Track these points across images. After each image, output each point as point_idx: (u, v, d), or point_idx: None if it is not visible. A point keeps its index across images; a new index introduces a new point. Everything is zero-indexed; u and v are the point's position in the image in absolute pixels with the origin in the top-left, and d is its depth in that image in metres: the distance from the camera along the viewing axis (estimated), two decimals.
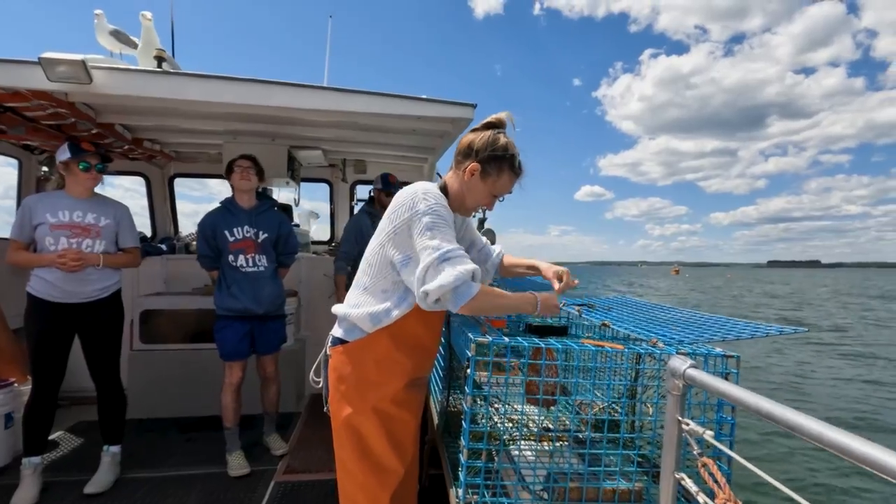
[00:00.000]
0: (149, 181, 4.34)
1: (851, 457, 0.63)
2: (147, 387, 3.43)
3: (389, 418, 1.44)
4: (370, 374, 1.42)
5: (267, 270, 2.86)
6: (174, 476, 2.64)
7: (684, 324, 1.53)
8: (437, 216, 1.29)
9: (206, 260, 2.84)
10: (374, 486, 1.44)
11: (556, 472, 1.14)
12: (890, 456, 0.59)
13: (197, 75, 2.43)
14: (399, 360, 1.43)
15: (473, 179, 1.40)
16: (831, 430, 0.67)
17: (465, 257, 1.26)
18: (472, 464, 1.10)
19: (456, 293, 1.22)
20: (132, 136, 3.45)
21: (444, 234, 1.27)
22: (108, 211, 2.55)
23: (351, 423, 1.43)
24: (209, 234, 2.78)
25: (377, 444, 1.43)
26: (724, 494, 0.86)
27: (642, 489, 1.15)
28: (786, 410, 0.74)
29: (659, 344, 1.21)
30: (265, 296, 2.83)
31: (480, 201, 1.44)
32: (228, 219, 2.80)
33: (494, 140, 1.40)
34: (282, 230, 2.95)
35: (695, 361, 1.00)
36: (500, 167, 1.39)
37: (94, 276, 2.47)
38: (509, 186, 1.44)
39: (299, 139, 3.65)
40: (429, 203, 1.30)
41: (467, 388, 1.11)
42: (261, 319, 2.86)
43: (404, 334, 1.42)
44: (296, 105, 2.60)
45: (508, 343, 1.11)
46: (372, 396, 1.42)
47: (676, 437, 1.00)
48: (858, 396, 8.07)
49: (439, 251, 1.22)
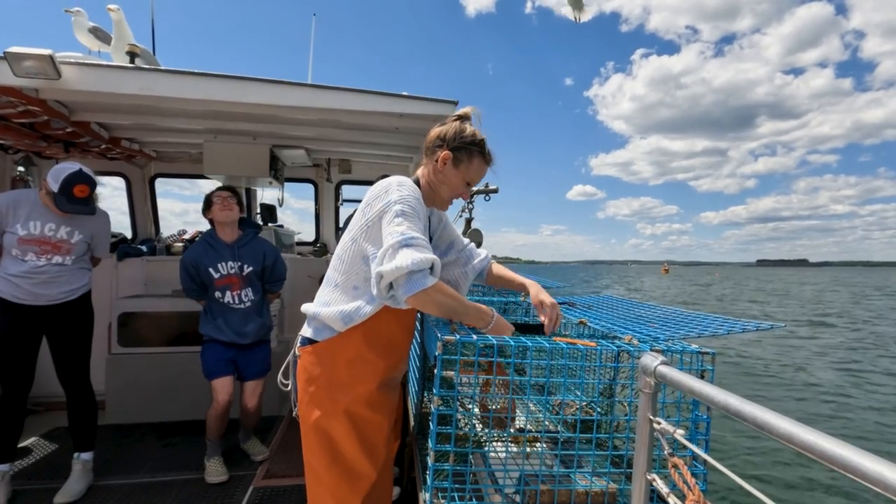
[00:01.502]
0: (129, 181, 4.25)
1: (823, 458, 0.60)
2: (125, 391, 3.35)
3: (362, 421, 1.40)
4: (341, 375, 1.38)
5: (253, 304, 2.80)
6: (149, 483, 2.57)
7: (663, 321, 1.50)
8: (409, 206, 1.27)
9: (193, 293, 2.79)
10: (345, 492, 1.39)
11: (527, 475, 1.11)
12: (861, 457, 0.55)
13: (170, 71, 2.38)
14: (371, 360, 1.39)
15: (447, 168, 1.42)
16: (802, 430, 0.63)
17: (428, 248, 1.23)
18: (439, 467, 1.06)
19: (410, 279, 1.18)
20: (109, 134, 3.37)
21: (412, 222, 1.25)
22: (84, 226, 2.46)
23: (321, 427, 1.38)
24: (192, 272, 2.71)
25: (348, 448, 1.39)
26: (694, 496, 0.83)
27: (616, 490, 1.11)
28: (755, 408, 0.71)
29: (634, 341, 1.17)
30: (252, 329, 2.80)
31: (455, 189, 1.45)
32: (211, 254, 2.70)
33: (462, 129, 1.43)
34: (266, 261, 2.84)
35: (667, 358, 0.97)
36: (470, 153, 1.42)
37: (63, 277, 2.40)
38: (481, 172, 1.46)
39: (282, 138, 3.59)
40: (402, 193, 1.29)
41: (435, 388, 1.07)
42: (247, 347, 2.81)
43: (377, 333, 1.38)
44: (274, 102, 2.55)
45: (477, 341, 1.07)
46: (343, 398, 1.38)
47: (648, 436, 0.96)
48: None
49: (403, 235, 1.20)
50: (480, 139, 1.43)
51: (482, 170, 1.46)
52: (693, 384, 0.84)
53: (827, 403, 7.57)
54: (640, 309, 1.74)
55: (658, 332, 1.32)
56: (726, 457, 5.36)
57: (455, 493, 1.10)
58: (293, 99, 2.57)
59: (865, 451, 0.54)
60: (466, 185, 1.46)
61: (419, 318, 1.61)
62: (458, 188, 1.45)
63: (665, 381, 0.92)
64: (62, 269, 2.39)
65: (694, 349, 1.13)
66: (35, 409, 3.53)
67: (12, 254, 2.30)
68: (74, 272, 2.45)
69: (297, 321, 4.10)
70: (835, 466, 0.57)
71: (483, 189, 3.87)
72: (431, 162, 1.45)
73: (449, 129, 1.44)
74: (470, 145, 1.41)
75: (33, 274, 2.31)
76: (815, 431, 0.61)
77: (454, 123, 1.45)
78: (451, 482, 1.06)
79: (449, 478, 1.06)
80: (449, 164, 1.41)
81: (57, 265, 2.37)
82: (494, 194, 3.97)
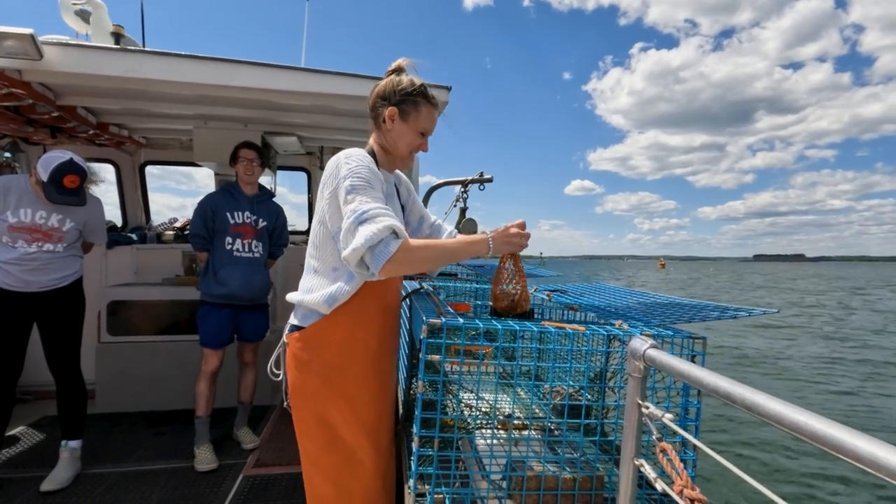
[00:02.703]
0: (119, 169, 4.19)
1: (815, 439, 0.57)
2: (115, 380, 3.33)
3: (360, 402, 1.37)
4: (333, 358, 1.35)
5: (261, 258, 2.87)
6: (138, 471, 2.55)
7: (655, 307, 1.48)
8: (358, 177, 1.23)
9: (199, 240, 2.78)
10: (345, 479, 1.37)
11: (514, 461, 1.09)
12: (854, 438, 0.53)
13: (156, 53, 2.32)
14: (362, 337, 1.37)
15: (396, 124, 1.38)
16: (792, 410, 0.61)
17: (383, 215, 1.18)
18: (423, 452, 1.04)
19: (373, 253, 1.16)
20: (97, 120, 3.30)
21: (364, 193, 1.21)
22: (76, 213, 2.42)
23: (317, 413, 1.35)
24: (209, 215, 2.74)
25: (348, 433, 1.36)
26: (682, 481, 0.81)
27: (604, 476, 1.09)
28: (744, 390, 0.69)
29: (624, 326, 1.15)
30: (257, 282, 2.83)
31: (411, 143, 1.41)
32: (231, 202, 2.79)
33: (399, 81, 1.38)
34: (279, 221, 2.99)
35: (656, 342, 0.94)
36: (415, 103, 1.38)
37: (54, 264, 2.36)
38: (432, 119, 1.42)
39: (274, 125, 3.54)
40: (350, 166, 1.26)
41: (420, 372, 1.05)
42: (246, 308, 2.83)
43: (364, 310, 1.36)
44: (265, 86, 2.51)
45: (462, 324, 1.04)
46: (338, 380, 1.35)
47: (636, 421, 0.94)
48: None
49: (355, 213, 1.17)
50: (420, 85, 1.39)
51: (432, 116, 1.42)
52: (682, 367, 0.82)
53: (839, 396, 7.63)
54: (633, 296, 1.72)
55: (649, 317, 1.30)
56: (723, 449, 5.39)
57: (441, 480, 1.08)
58: (284, 83, 2.53)
59: (858, 432, 0.52)
60: (422, 136, 1.42)
61: (407, 305, 1.58)
62: (414, 141, 1.41)
63: (654, 365, 0.89)
64: (53, 256, 2.36)
65: (685, 334, 1.11)
66: (24, 398, 3.50)
67: (2, 241, 2.26)
68: (65, 259, 2.42)
69: (289, 310, 4.08)
70: (826, 448, 0.55)
71: (477, 178, 3.83)
72: (379, 123, 1.41)
73: (386, 85, 1.39)
74: (412, 95, 1.37)
75: (24, 261, 2.28)
76: (806, 412, 0.59)
77: (390, 78, 1.40)
78: (435, 468, 1.04)
79: (434, 463, 1.04)
80: (397, 119, 1.38)
81: (48, 252, 2.34)
82: (489, 183, 3.94)
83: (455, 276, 2.79)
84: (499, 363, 1.07)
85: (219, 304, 2.74)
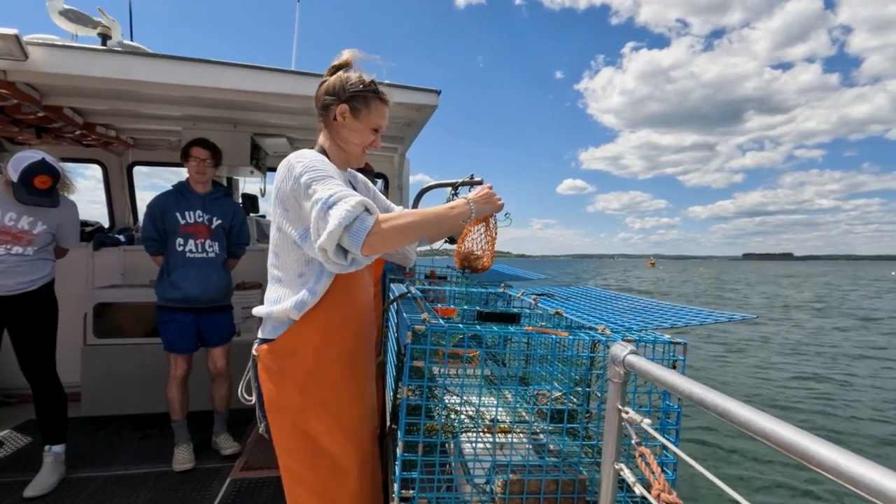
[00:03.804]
0: (106, 169, 4.15)
1: (780, 445, 0.59)
2: (101, 383, 3.29)
3: (340, 408, 1.34)
4: (309, 365, 1.31)
5: (218, 258, 2.77)
6: (123, 475, 2.53)
7: (639, 312, 1.50)
8: (314, 170, 1.21)
9: (151, 243, 2.71)
10: (332, 491, 1.32)
11: (499, 465, 1.10)
12: (816, 444, 0.55)
13: (144, 54, 2.31)
14: (336, 340, 1.33)
15: (348, 121, 1.35)
16: (760, 417, 0.63)
17: (350, 195, 1.15)
18: (408, 457, 1.04)
19: (350, 233, 1.12)
20: (84, 120, 3.27)
21: (324, 182, 1.18)
22: (48, 216, 2.38)
23: (297, 425, 1.31)
24: (158, 217, 2.67)
25: (331, 442, 1.32)
26: (659, 485, 0.83)
27: (586, 480, 1.11)
28: (716, 396, 0.70)
29: (606, 331, 1.17)
30: (213, 283, 2.72)
31: (364, 140, 1.39)
32: (181, 202, 2.70)
33: (346, 79, 1.35)
34: (235, 219, 2.87)
35: (636, 348, 0.96)
36: (366, 99, 1.35)
37: (22, 267, 2.32)
38: (383, 114, 1.40)
39: (263, 126, 3.53)
40: (303, 163, 1.23)
41: (404, 378, 1.06)
42: (206, 311, 2.74)
43: (337, 312, 1.32)
44: (252, 88, 2.50)
45: (447, 330, 1.05)
46: (315, 388, 1.31)
47: (616, 425, 0.96)
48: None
49: (322, 200, 1.14)
50: (370, 82, 1.36)
51: (383, 111, 1.39)
52: (659, 373, 0.83)
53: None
54: (618, 300, 1.75)
55: (633, 322, 1.32)
56: (716, 455, 5.42)
57: (427, 485, 1.09)
58: (274, 86, 2.52)
59: (820, 439, 0.54)
60: (374, 132, 1.40)
61: (394, 309, 1.59)
62: (367, 138, 1.39)
63: (633, 371, 0.91)
64: (21, 260, 2.32)
65: (665, 339, 1.13)
66: (8, 401, 3.45)
67: None
68: (34, 263, 2.37)
69: None
70: (793, 455, 0.57)
71: (467, 181, 3.85)
72: (329, 121, 1.38)
73: (335, 81, 1.35)
74: (363, 92, 1.34)
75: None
76: (774, 419, 0.60)
77: (338, 74, 1.36)
78: (419, 472, 1.05)
79: (418, 468, 1.05)
80: (348, 116, 1.35)
81: (16, 255, 2.30)
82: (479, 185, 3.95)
83: (444, 278, 2.80)
84: (483, 367, 1.08)
85: (177, 309, 2.65)
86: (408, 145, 3.81)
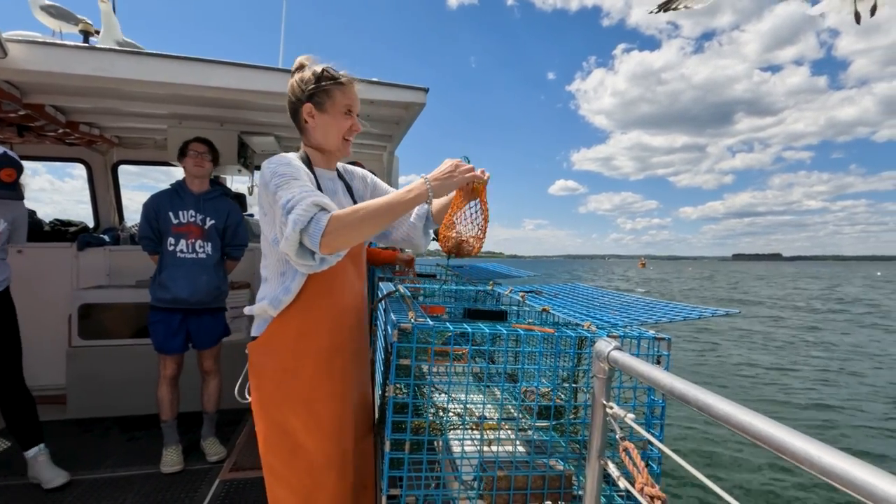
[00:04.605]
0: (90, 168, 4.09)
1: (758, 438, 0.60)
2: (87, 385, 3.25)
3: (318, 404, 1.34)
4: (285, 361, 1.33)
5: (210, 259, 2.72)
6: (111, 477, 2.51)
7: (625, 308, 1.51)
8: (279, 176, 1.23)
9: (147, 242, 2.69)
10: (309, 488, 1.33)
11: (486, 461, 1.10)
12: (791, 437, 0.56)
13: (128, 52, 2.28)
14: (314, 337, 1.35)
15: (317, 118, 1.37)
16: (739, 411, 0.64)
17: (306, 196, 1.16)
18: (395, 455, 1.05)
19: (307, 234, 1.14)
20: (66, 118, 3.22)
21: (286, 188, 1.20)
22: (5, 211, 2.34)
23: (275, 420, 1.33)
24: (152, 216, 2.65)
25: (309, 439, 1.33)
26: (643, 479, 0.84)
27: (572, 475, 1.12)
28: (697, 391, 0.71)
29: (592, 327, 1.18)
30: (202, 284, 2.66)
31: (341, 128, 1.39)
32: (175, 201, 2.68)
33: (301, 78, 1.37)
34: (230, 219, 2.83)
35: (621, 344, 0.97)
36: (325, 91, 1.35)
37: None
38: (350, 96, 1.39)
39: (250, 124, 3.50)
40: (271, 168, 1.26)
41: (391, 375, 1.06)
42: (196, 312, 2.70)
43: (314, 308, 1.34)
44: (239, 86, 2.48)
45: (433, 327, 1.06)
46: (293, 384, 1.33)
47: (601, 420, 0.97)
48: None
49: (282, 207, 1.17)
50: (322, 71, 1.36)
51: (349, 94, 1.39)
52: (642, 368, 0.84)
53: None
54: (605, 297, 1.76)
55: (618, 318, 1.33)
56: (715, 451, 5.43)
57: (415, 482, 1.09)
58: (261, 84, 2.50)
59: (796, 431, 0.55)
60: (348, 116, 1.39)
61: (382, 307, 1.59)
62: (343, 124, 1.39)
63: (617, 367, 0.92)
64: None
65: (650, 335, 1.14)
66: None
67: None
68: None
69: None
70: (768, 446, 0.58)
71: None
72: (303, 125, 1.40)
73: (293, 86, 1.38)
74: (320, 85, 1.35)
75: None
76: (751, 412, 0.62)
77: (293, 78, 1.39)
78: (406, 470, 1.05)
79: (405, 466, 1.05)
80: (315, 113, 1.36)
81: None
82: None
83: (433, 276, 2.80)
84: (469, 365, 1.09)
85: (167, 309, 2.62)
86: (396, 143, 3.80)
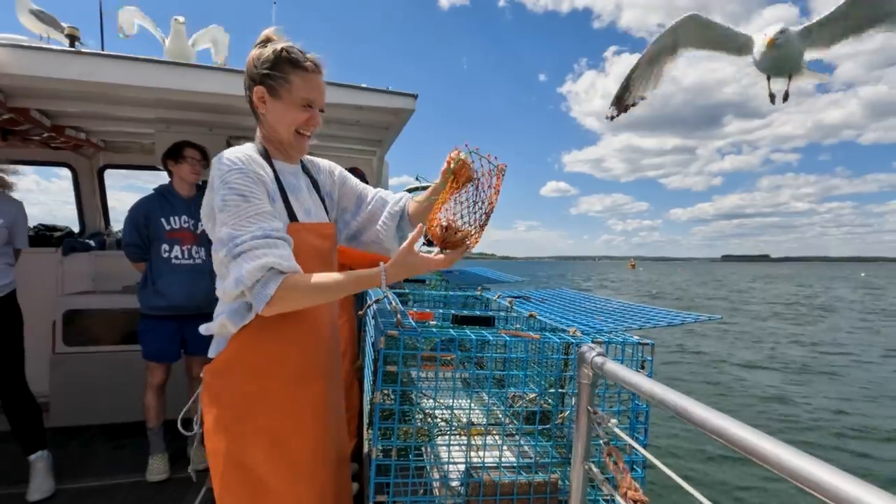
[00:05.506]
0: (75, 172, 4.04)
1: (732, 442, 0.62)
2: (71, 392, 3.20)
3: (284, 434, 1.14)
4: (245, 385, 1.12)
5: (205, 265, 2.68)
6: (95, 486, 2.47)
7: (611, 313, 1.54)
8: (229, 188, 1.04)
9: (134, 249, 2.63)
10: None
11: (473, 467, 1.11)
12: (763, 441, 0.58)
13: (115, 56, 2.26)
14: (280, 356, 1.15)
15: (268, 105, 1.15)
16: (715, 416, 0.66)
17: (260, 247, 1.01)
18: (381, 461, 1.05)
19: (253, 295, 1.02)
20: (52, 122, 3.18)
21: (234, 212, 1.03)
22: (4, 211, 2.32)
23: (233, 457, 1.10)
24: (141, 222, 2.58)
25: (273, 475, 1.11)
26: (626, 483, 0.85)
27: (558, 480, 1.14)
28: (676, 396, 0.73)
29: (577, 333, 1.20)
30: (200, 291, 2.62)
31: (293, 121, 1.16)
32: (165, 206, 2.63)
33: (258, 55, 1.14)
34: None
35: (604, 349, 0.99)
36: (282, 72, 1.12)
37: None
38: (313, 85, 1.16)
39: (239, 129, 3.49)
40: (221, 171, 1.07)
41: (378, 382, 1.07)
42: (192, 318, 2.64)
43: (282, 322, 1.12)
44: (228, 91, 2.47)
45: (420, 334, 1.07)
46: (253, 410, 1.12)
47: (586, 426, 0.98)
48: None
49: (225, 245, 1.03)
50: (281, 50, 1.12)
51: (311, 82, 1.15)
52: (624, 374, 0.86)
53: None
54: (591, 302, 1.78)
55: (604, 324, 1.35)
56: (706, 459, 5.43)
57: (402, 488, 1.10)
58: None
59: (766, 435, 0.57)
60: (306, 109, 1.17)
61: (371, 314, 1.60)
62: (297, 117, 1.16)
63: (601, 372, 0.94)
64: None
65: (634, 340, 1.16)
66: None
67: None
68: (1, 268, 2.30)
69: None
70: (741, 450, 0.60)
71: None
72: (255, 110, 1.20)
73: (249, 63, 1.16)
74: (276, 65, 1.12)
75: None
76: (727, 417, 0.63)
77: (253, 53, 1.16)
78: (393, 476, 1.06)
79: (392, 472, 1.06)
80: (267, 99, 1.14)
81: None
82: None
83: (423, 282, 2.81)
84: (456, 372, 1.10)
85: (161, 317, 2.58)
86: (386, 148, 3.81)
